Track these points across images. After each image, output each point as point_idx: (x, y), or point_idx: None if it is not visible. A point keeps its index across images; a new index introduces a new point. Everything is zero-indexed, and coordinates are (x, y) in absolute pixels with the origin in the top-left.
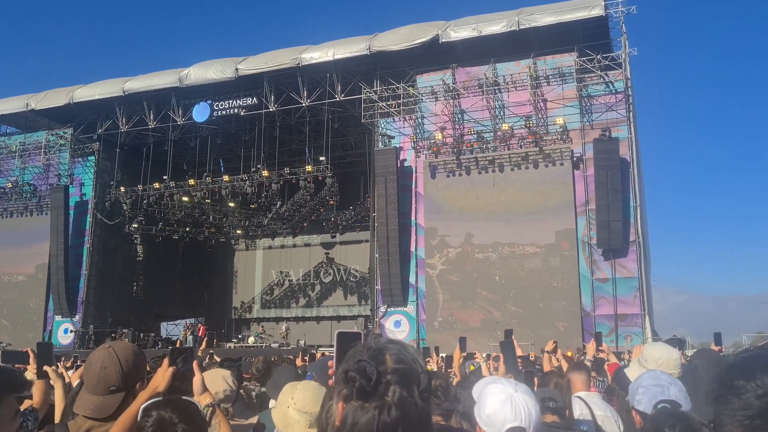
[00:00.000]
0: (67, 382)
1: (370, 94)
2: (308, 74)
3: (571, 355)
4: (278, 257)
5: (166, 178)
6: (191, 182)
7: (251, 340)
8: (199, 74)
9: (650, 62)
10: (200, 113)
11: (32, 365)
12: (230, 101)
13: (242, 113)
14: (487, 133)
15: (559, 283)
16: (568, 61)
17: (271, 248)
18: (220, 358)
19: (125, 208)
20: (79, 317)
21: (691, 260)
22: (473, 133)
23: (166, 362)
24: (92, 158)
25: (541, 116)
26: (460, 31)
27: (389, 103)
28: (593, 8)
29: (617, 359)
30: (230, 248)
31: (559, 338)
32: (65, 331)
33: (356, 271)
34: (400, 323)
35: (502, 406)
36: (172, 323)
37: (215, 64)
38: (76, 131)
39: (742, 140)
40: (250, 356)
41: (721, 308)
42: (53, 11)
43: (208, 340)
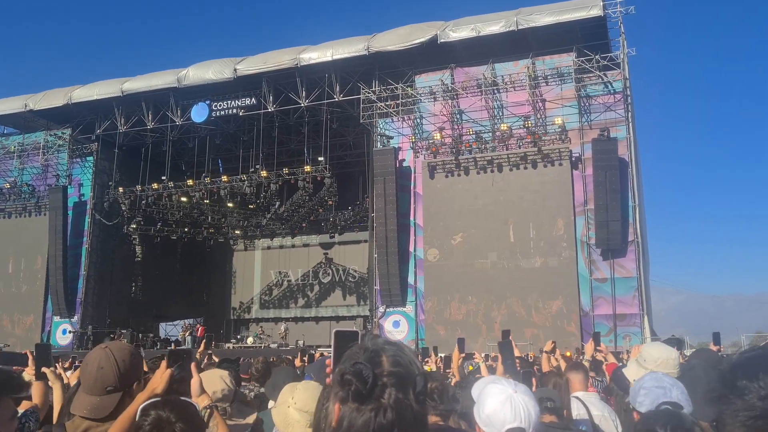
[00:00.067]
0: (65, 382)
1: (368, 94)
2: (307, 74)
3: (569, 355)
4: (277, 257)
5: (164, 178)
6: (190, 182)
7: (250, 340)
8: (197, 74)
9: (649, 62)
10: (199, 113)
11: (31, 367)
12: (229, 101)
13: (241, 113)
14: (485, 133)
15: (557, 283)
16: (566, 61)
17: (269, 248)
18: (218, 358)
19: (124, 208)
20: (77, 318)
21: (689, 260)
22: (472, 133)
23: (164, 364)
24: (91, 159)
25: (539, 116)
26: (458, 31)
27: (388, 103)
28: (592, 8)
29: (616, 359)
30: (229, 248)
31: (557, 338)
32: (64, 331)
33: (355, 271)
34: (399, 323)
35: (501, 406)
36: (170, 324)
37: (214, 64)
38: (74, 132)
39: (740, 140)
40: (248, 357)
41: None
42: (52, 11)
43: (206, 340)
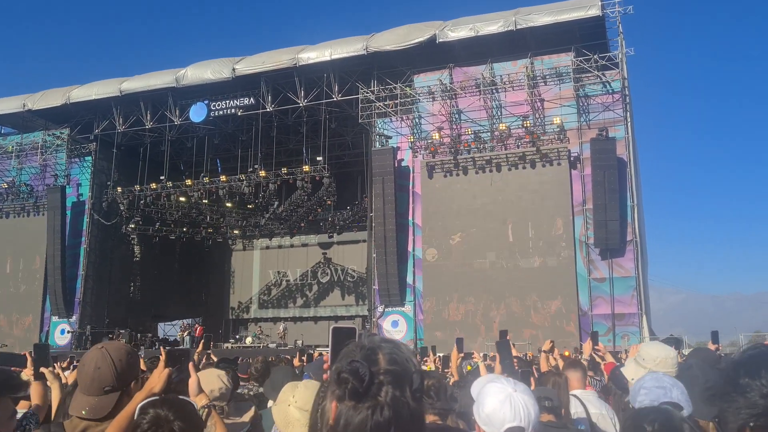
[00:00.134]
0: (64, 383)
1: (367, 94)
2: (305, 74)
3: (568, 354)
4: (276, 257)
5: (163, 178)
6: (188, 182)
7: (249, 340)
8: (196, 74)
9: (647, 62)
10: (197, 113)
11: (29, 368)
12: (227, 101)
13: (239, 113)
14: (484, 133)
15: (556, 283)
16: (565, 60)
17: (268, 248)
18: (216, 358)
19: (122, 208)
20: (76, 318)
21: (689, 260)
22: (470, 133)
23: (162, 363)
24: (89, 158)
25: (538, 116)
26: (457, 31)
27: (386, 103)
28: (590, 8)
29: (614, 359)
30: (227, 248)
31: (556, 338)
32: (62, 331)
33: (354, 271)
34: (397, 323)
35: (501, 405)
36: (169, 324)
37: (212, 64)
38: (72, 131)
39: (740, 140)
40: (247, 356)
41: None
42: (51, 11)
43: (205, 340)
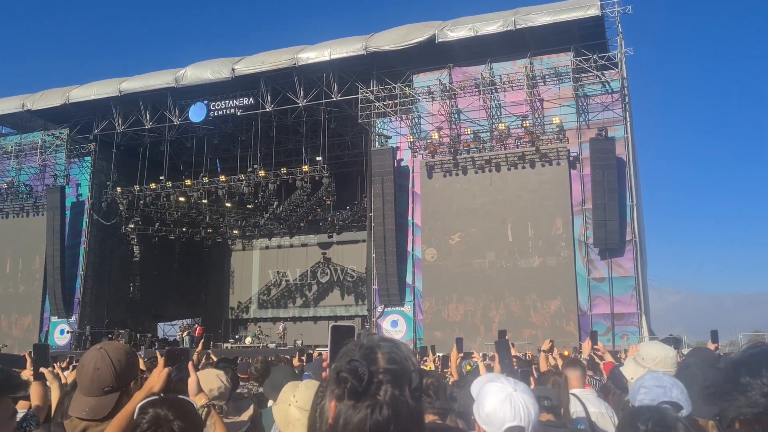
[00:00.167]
0: (63, 383)
1: (366, 94)
2: (305, 74)
3: (567, 354)
4: (275, 257)
5: (162, 178)
6: (188, 182)
7: (248, 340)
8: (195, 74)
9: (646, 62)
10: (197, 113)
11: (29, 370)
12: (227, 101)
13: (239, 113)
14: (483, 132)
15: (556, 282)
16: (564, 60)
17: (268, 248)
18: (216, 358)
19: (122, 208)
20: (75, 318)
21: (689, 260)
22: (470, 132)
23: (161, 362)
24: (88, 159)
25: (537, 116)
26: (456, 31)
27: (386, 103)
28: (589, 8)
29: (613, 358)
30: (227, 248)
31: (556, 338)
32: (62, 332)
33: (353, 271)
34: (397, 323)
35: (501, 405)
36: (169, 324)
37: (212, 64)
38: (72, 131)
39: (739, 140)
40: (247, 356)
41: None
42: (50, 11)
43: (205, 340)
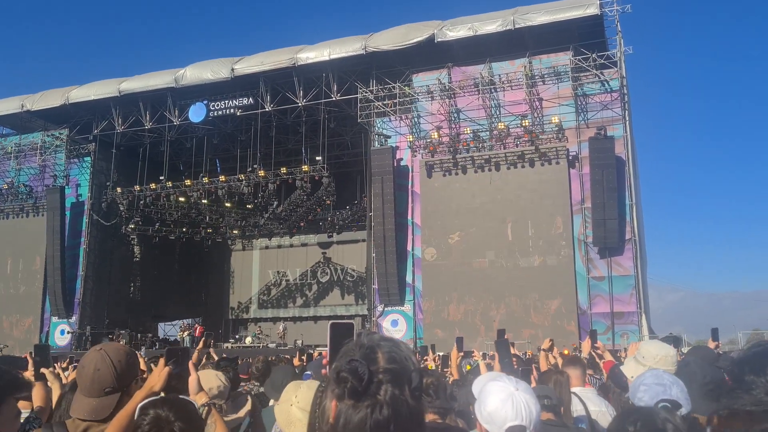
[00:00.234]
0: (64, 383)
1: (366, 93)
2: (304, 74)
3: (567, 353)
4: (275, 257)
5: (162, 178)
6: (188, 183)
7: (248, 340)
8: (195, 74)
9: (645, 61)
10: (196, 113)
11: (30, 371)
12: (226, 101)
13: (238, 113)
14: (483, 132)
15: (556, 282)
16: (563, 60)
17: (267, 248)
18: (217, 357)
19: (122, 208)
20: (75, 318)
21: (688, 259)
22: (469, 132)
23: (162, 362)
24: (88, 159)
25: (536, 115)
26: (455, 30)
27: (385, 102)
28: (588, 7)
29: (613, 357)
30: (227, 248)
31: (557, 337)
32: (62, 332)
33: (353, 270)
34: (397, 322)
35: (503, 404)
36: (169, 324)
37: (211, 64)
38: (71, 132)
39: (739, 140)
40: (247, 356)
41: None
42: (50, 11)
43: (205, 340)
